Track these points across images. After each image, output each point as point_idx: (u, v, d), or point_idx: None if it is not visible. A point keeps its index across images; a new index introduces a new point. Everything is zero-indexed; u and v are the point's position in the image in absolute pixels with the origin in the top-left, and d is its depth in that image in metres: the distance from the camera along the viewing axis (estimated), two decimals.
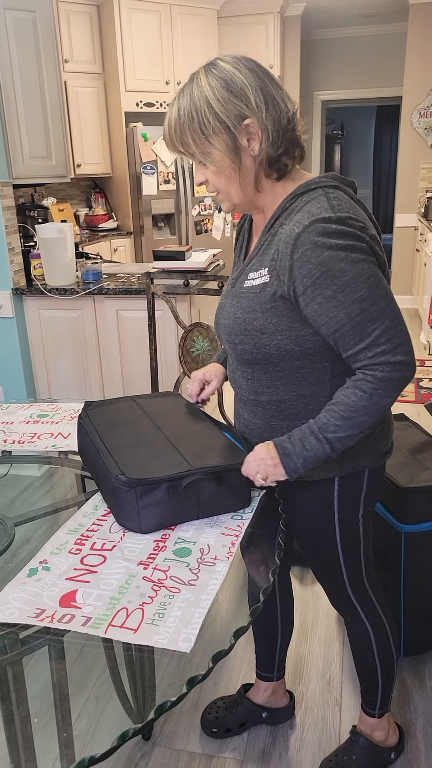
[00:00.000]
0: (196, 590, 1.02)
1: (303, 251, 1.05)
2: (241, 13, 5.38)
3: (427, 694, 1.79)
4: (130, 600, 1.00)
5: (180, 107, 1.09)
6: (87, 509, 1.28)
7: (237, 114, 1.06)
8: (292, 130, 1.10)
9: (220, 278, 2.27)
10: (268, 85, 1.08)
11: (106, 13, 4.82)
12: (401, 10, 5.74)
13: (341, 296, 1.05)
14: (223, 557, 1.09)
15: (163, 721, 1.72)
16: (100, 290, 2.82)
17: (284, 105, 1.09)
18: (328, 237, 1.04)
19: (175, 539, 1.15)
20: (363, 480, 1.28)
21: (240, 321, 1.17)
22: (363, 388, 1.09)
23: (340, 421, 1.11)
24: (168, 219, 5.27)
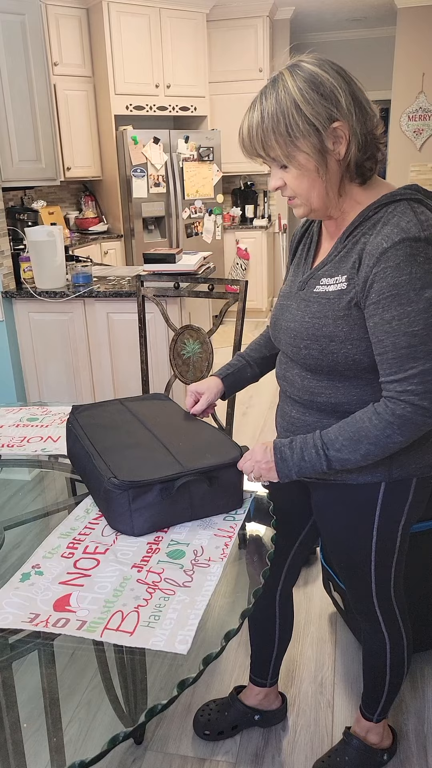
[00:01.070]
0: (191, 592, 1.02)
1: (385, 267, 1.04)
2: (230, 17, 5.40)
3: (419, 696, 1.79)
4: (125, 603, 1.00)
5: (264, 110, 1.05)
6: (78, 513, 1.27)
7: (327, 116, 1.03)
8: (378, 134, 1.09)
9: (211, 281, 2.27)
10: (355, 88, 1.06)
11: (95, 16, 4.82)
12: (389, 14, 5.78)
13: (396, 324, 1.04)
14: (217, 558, 1.09)
15: (155, 725, 1.71)
16: (90, 293, 2.82)
17: (370, 109, 1.07)
18: (413, 259, 1.02)
19: (168, 541, 1.15)
20: (410, 489, 1.24)
21: (309, 326, 1.16)
22: (381, 417, 1.09)
23: (346, 442, 1.11)
24: (158, 222, 5.27)
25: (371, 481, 1.22)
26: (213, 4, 5.21)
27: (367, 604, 1.39)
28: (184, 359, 2.23)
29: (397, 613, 1.42)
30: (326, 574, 2.06)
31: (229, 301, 2.12)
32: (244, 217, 6.09)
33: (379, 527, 1.27)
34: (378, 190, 1.13)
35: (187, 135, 5.14)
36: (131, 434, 1.33)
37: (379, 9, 5.65)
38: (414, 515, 1.29)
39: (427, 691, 1.80)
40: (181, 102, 5.30)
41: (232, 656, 1.94)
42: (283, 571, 1.53)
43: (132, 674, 0.90)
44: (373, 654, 1.47)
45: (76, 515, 1.27)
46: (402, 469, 1.21)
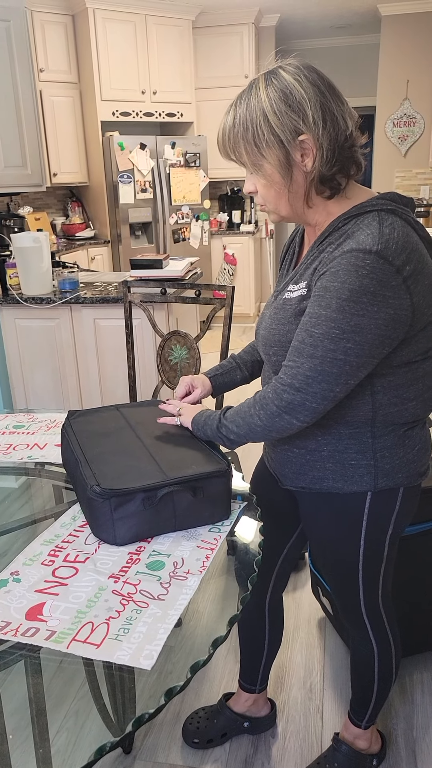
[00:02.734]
0: (164, 605, 1.00)
1: (326, 271, 1.05)
2: (216, 24, 5.43)
3: (407, 700, 1.79)
4: (97, 614, 0.99)
5: (236, 116, 1.05)
6: (65, 520, 1.27)
7: (292, 129, 1.02)
8: (349, 147, 1.05)
9: (198, 286, 2.28)
10: (329, 99, 1.03)
11: (81, 23, 4.82)
12: (373, 22, 5.83)
13: (306, 320, 1.07)
14: (195, 571, 1.08)
15: (144, 734, 1.70)
16: (77, 299, 2.81)
17: (343, 121, 1.04)
18: (355, 270, 1.00)
19: (149, 552, 1.14)
20: (397, 499, 1.24)
21: (275, 332, 1.17)
22: (256, 396, 1.17)
23: (235, 413, 1.21)
24: (145, 227, 5.27)
25: (357, 491, 1.22)
26: (199, 11, 5.24)
27: (355, 611, 1.39)
28: (172, 365, 2.23)
29: (384, 620, 1.41)
30: (315, 579, 2.06)
31: (216, 307, 2.12)
32: (231, 222, 6.11)
33: (366, 536, 1.26)
34: (354, 200, 1.11)
35: (174, 141, 5.15)
36: (121, 442, 1.32)
37: (364, 17, 5.70)
38: (402, 524, 1.28)
39: (415, 696, 1.80)
40: (167, 108, 5.31)
41: (221, 663, 1.93)
42: (272, 577, 1.53)
43: (120, 683, 0.90)
44: (361, 661, 1.47)
45: (62, 522, 1.26)
46: (388, 478, 1.21)
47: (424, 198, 5.73)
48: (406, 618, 1.82)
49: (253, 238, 5.93)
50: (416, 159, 5.84)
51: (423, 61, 5.55)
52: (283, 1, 5.17)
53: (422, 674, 1.87)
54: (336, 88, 1.06)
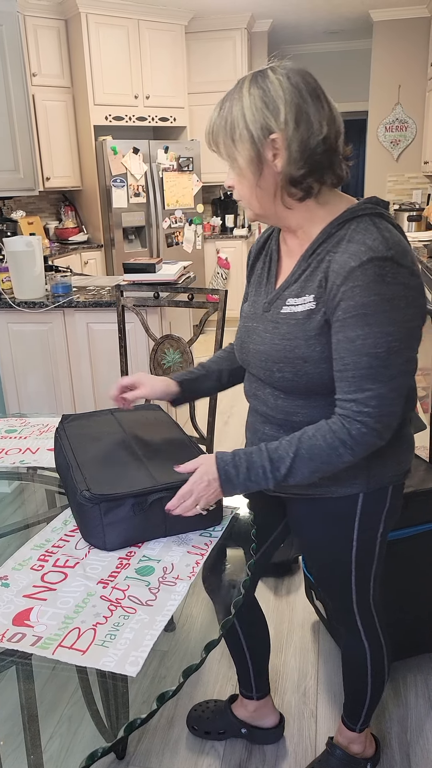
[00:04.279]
0: (152, 611, 1.00)
1: (353, 286, 1.03)
2: (209, 29, 5.45)
3: (401, 703, 1.79)
4: (84, 620, 0.98)
5: (221, 108, 1.08)
6: (56, 524, 1.26)
7: (264, 126, 1.03)
8: (321, 153, 1.05)
9: (191, 290, 2.28)
10: (309, 103, 1.04)
11: (74, 27, 4.83)
12: (365, 27, 5.87)
13: (360, 343, 1.03)
14: (185, 577, 1.07)
15: (137, 739, 1.69)
16: (69, 303, 2.81)
17: (319, 126, 1.04)
18: (382, 279, 1.01)
19: (140, 557, 1.13)
20: (387, 497, 1.24)
21: (280, 348, 1.14)
22: (336, 436, 1.07)
23: (299, 460, 1.09)
24: (139, 232, 5.28)
25: (350, 493, 1.22)
26: (191, 16, 5.25)
27: (348, 614, 1.39)
28: (165, 369, 2.23)
29: (376, 621, 1.42)
30: (308, 583, 2.06)
31: (209, 311, 2.12)
32: (225, 226, 6.12)
33: (358, 538, 1.27)
34: (338, 205, 1.12)
35: (167, 145, 5.16)
36: (113, 447, 1.32)
37: (355, 22, 5.74)
38: (390, 522, 1.30)
39: (409, 699, 1.80)
40: (160, 113, 5.32)
41: (215, 667, 1.93)
42: None
43: (113, 689, 0.90)
44: (354, 663, 1.46)
45: (54, 527, 1.25)
46: (379, 478, 1.21)
47: (416, 202, 5.76)
48: (399, 621, 1.82)
49: (247, 242, 5.94)
50: (408, 163, 5.87)
51: (414, 66, 5.58)
52: (275, 6, 5.19)
53: (416, 677, 1.87)
54: (321, 94, 1.07)
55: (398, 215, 5.34)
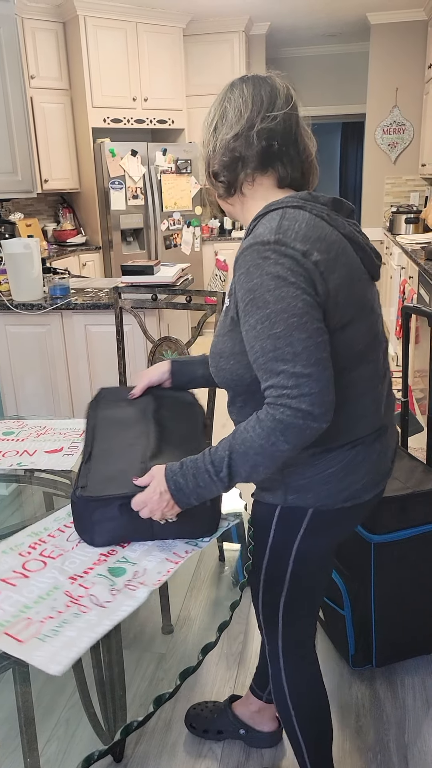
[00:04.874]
0: (103, 613, 0.99)
1: (240, 274, 1.04)
2: (207, 32, 5.45)
3: (399, 705, 1.79)
4: (39, 611, 1.00)
5: None
6: (60, 514, 1.29)
7: (212, 123, 1.15)
8: (231, 150, 1.11)
9: (188, 292, 2.28)
10: (239, 104, 1.11)
11: (71, 30, 4.83)
12: (363, 30, 5.88)
13: (260, 328, 1.01)
14: (149, 583, 1.06)
15: (134, 742, 1.69)
16: (67, 305, 2.80)
17: (240, 126, 1.10)
18: (263, 262, 1.01)
19: (119, 557, 1.14)
20: (304, 518, 1.17)
21: (211, 345, 1.20)
22: (263, 424, 1.02)
23: (236, 456, 1.05)
24: (137, 234, 5.28)
25: (271, 502, 1.19)
26: (189, 18, 5.26)
27: (260, 620, 1.35)
28: None
29: (280, 650, 1.32)
30: None
31: (207, 313, 2.12)
32: (223, 228, 6.12)
33: (271, 548, 1.23)
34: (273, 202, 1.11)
35: (165, 147, 5.17)
36: (130, 439, 1.32)
37: (353, 25, 5.75)
38: (311, 546, 1.21)
39: (407, 701, 1.80)
40: (158, 115, 5.33)
41: (212, 670, 1.93)
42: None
43: (111, 691, 0.89)
44: (275, 692, 1.36)
45: (57, 516, 1.28)
46: (298, 496, 1.16)
47: (414, 204, 5.77)
48: (397, 622, 1.82)
49: None
50: (406, 166, 5.88)
51: (412, 69, 5.60)
52: (273, 9, 5.20)
53: (413, 678, 1.87)
54: (266, 97, 1.11)
55: (396, 218, 5.35)
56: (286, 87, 1.14)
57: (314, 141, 1.18)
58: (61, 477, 1.52)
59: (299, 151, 1.13)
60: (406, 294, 4.15)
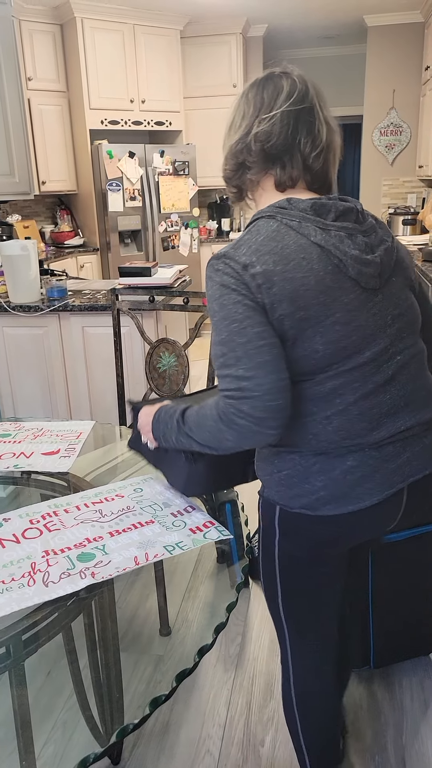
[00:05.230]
0: (41, 591, 1.07)
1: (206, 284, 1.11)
2: (204, 34, 5.46)
3: (397, 706, 1.79)
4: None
5: None
6: (88, 493, 1.40)
7: (227, 129, 1.19)
8: (235, 156, 1.14)
9: (186, 294, 2.28)
10: (251, 104, 1.13)
11: (69, 32, 4.84)
12: (360, 32, 5.89)
13: (213, 335, 1.07)
14: (99, 577, 1.11)
15: (132, 744, 1.69)
16: (65, 307, 2.80)
17: (240, 131, 1.12)
18: (213, 274, 1.06)
19: (100, 544, 1.19)
20: (275, 515, 1.17)
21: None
22: (218, 408, 1.06)
23: (193, 424, 1.13)
24: (135, 235, 5.28)
25: (261, 489, 1.21)
26: (187, 21, 5.27)
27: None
28: (160, 372, 2.23)
29: (287, 640, 1.29)
30: None
31: (205, 314, 2.13)
32: (221, 230, 6.13)
33: (261, 537, 1.23)
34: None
35: (163, 149, 5.17)
36: None
37: (350, 27, 5.76)
38: (290, 547, 1.18)
39: (405, 702, 1.80)
40: (156, 117, 5.33)
41: (210, 671, 1.93)
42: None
43: (108, 693, 0.89)
44: (283, 698, 1.36)
45: (84, 494, 1.39)
46: (267, 490, 1.17)
47: (411, 206, 5.78)
48: (395, 623, 1.82)
49: None
50: (403, 167, 5.89)
51: (409, 71, 5.61)
52: (270, 11, 5.21)
53: (411, 680, 1.87)
54: (267, 98, 1.12)
55: (393, 219, 5.36)
56: (295, 82, 1.11)
57: (333, 133, 1.14)
58: (58, 479, 1.52)
59: (302, 150, 1.09)
60: None
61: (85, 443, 1.73)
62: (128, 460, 1.66)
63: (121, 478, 1.50)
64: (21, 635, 0.98)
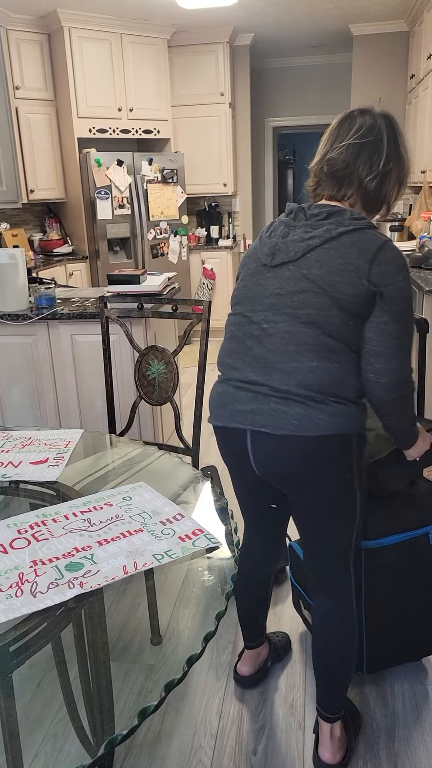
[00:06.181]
0: (28, 601, 1.06)
1: None
2: (191, 43, 5.49)
3: (389, 713, 1.79)
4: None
5: None
6: (77, 502, 1.39)
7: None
8: (315, 174, 1.46)
9: (175, 301, 2.28)
10: (328, 138, 1.44)
11: (56, 41, 4.85)
12: (345, 41, 5.95)
13: None
14: (88, 587, 1.10)
15: (123, 755, 1.68)
16: (53, 315, 2.80)
17: (320, 154, 1.44)
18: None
19: (88, 553, 1.19)
20: None
21: None
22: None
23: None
24: (124, 243, 5.28)
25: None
26: (174, 30, 5.30)
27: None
28: (150, 380, 2.23)
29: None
30: (296, 592, 2.05)
31: (194, 321, 2.13)
32: (210, 237, 6.15)
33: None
34: None
35: (151, 157, 5.19)
36: None
37: (336, 36, 5.81)
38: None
39: (397, 708, 1.80)
40: (144, 125, 5.35)
41: (202, 680, 1.92)
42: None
43: (99, 704, 0.89)
44: (345, 635, 1.54)
45: (72, 504, 1.39)
46: None
47: (399, 212, 5.82)
48: (385, 629, 1.82)
49: (232, 252, 5.97)
50: None
51: (395, 79, 5.67)
52: (256, 21, 5.25)
53: (402, 685, 1.87)
54: (343, 133, 1.43)
55: (381, 225, 5.39)
56: (367, 119, 1.42)
57: (391, 163, 1.42)
58: (46, 488, 1.51)
59: (360, 175, 1.40)
60: None
61: (74, 452, 1.72)
62: (117, 469, 1.66)
63: (111, 487, 1.49)
64: (9, 646, 0.97)
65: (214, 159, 5.80)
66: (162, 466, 1.66)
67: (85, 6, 4.59)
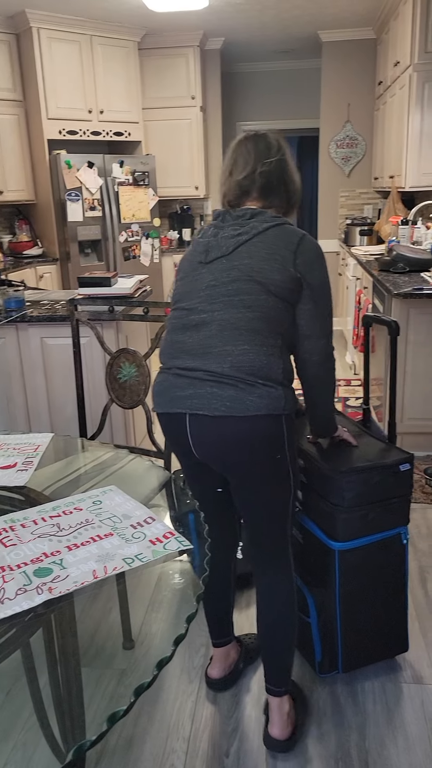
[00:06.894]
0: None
1: None
2: (162, 45, 5.49)
3: (360, 711, 1.81)
4: None
5: None
6: (46, 507, 1.39)
7: (224, 169, 1.61)
8: (241, 187, 1.57)
9: (146, 304, 2.28)
10: (253, 156, 1.56)
11: (25, 42, 4.80)
12: (314, 47, 6.01)
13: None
14: (57, 592, 1.09)
15: (95, 761, 1.66)
16: (23, 318, 2.77)
17: (246, 170, 1.56)
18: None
19: (57, 558, 1.18)
20: None
21: None
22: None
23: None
24: (95, 245, 5.25)
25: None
26: (144, 33, 5.29)
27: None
28: (121, 383, 2.22)
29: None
30: None
31: (165, 324, 2.12)
32: (182, 240, 6.15)
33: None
34: None
35: (122, 160, 5.17)
36: None
37: (305, 42, 5.87)
38: None
39: (367, 706, 1.82)
40: (114, 127, 5.33)
41: (174, 683, 1.91)
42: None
43: (69, 710, 0.88)
44: (289, 607, 1.63)
45: (41, 509, 1.38)
46: None
47: (368, 217, 5.90)
48: (356, 629, 1.84)
49: None
50: (359, 179, 6.02)
51: (362, 85, 5.75)
52: (226, 25, 5.28)
53: (373, 684, 1.90)
54: (265, 151, 1.57)
55: (350, 230, 5.46)
56: (277, 140, 1.57)
57: (298, 176, 1.61)
58: (15, 493, 1.49)
59: (286, 186, 1.58)
60: (362, 304, 4.23)
61: (44, 456, 1.71)
62: (89, 473, 1.65)
63: (81, 491, 1.48)
64: None
65: (185, 162, 5.81)
66: (133, 470, 1.65)
67: (54, 7, 4.56)
